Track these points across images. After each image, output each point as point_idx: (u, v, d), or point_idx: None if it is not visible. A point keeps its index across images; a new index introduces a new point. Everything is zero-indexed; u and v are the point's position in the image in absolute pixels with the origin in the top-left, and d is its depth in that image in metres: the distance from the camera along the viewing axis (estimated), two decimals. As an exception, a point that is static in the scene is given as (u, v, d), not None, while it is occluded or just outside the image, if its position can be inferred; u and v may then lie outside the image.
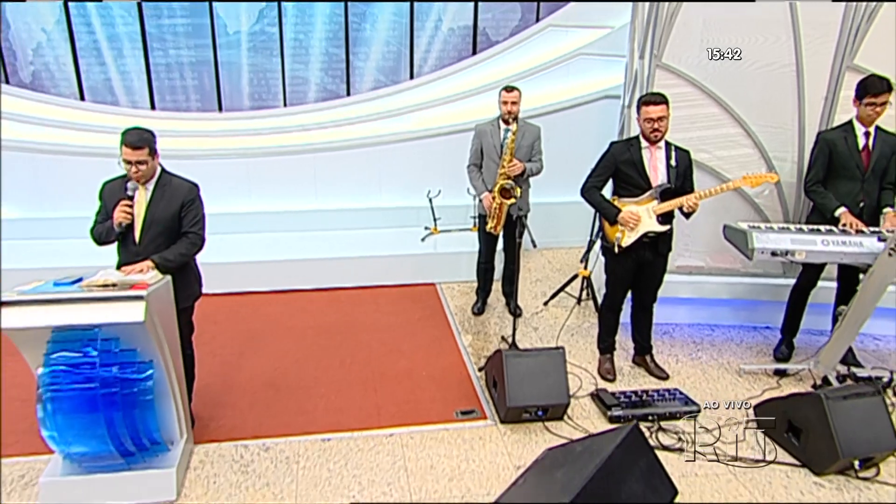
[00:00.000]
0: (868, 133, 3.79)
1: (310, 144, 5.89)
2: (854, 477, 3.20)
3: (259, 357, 4.32)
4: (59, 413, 2.81)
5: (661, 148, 3.65)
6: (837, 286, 4.13)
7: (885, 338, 4.61)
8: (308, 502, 2.99)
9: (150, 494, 2.98)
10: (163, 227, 3.22)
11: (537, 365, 3.56)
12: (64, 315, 2.69)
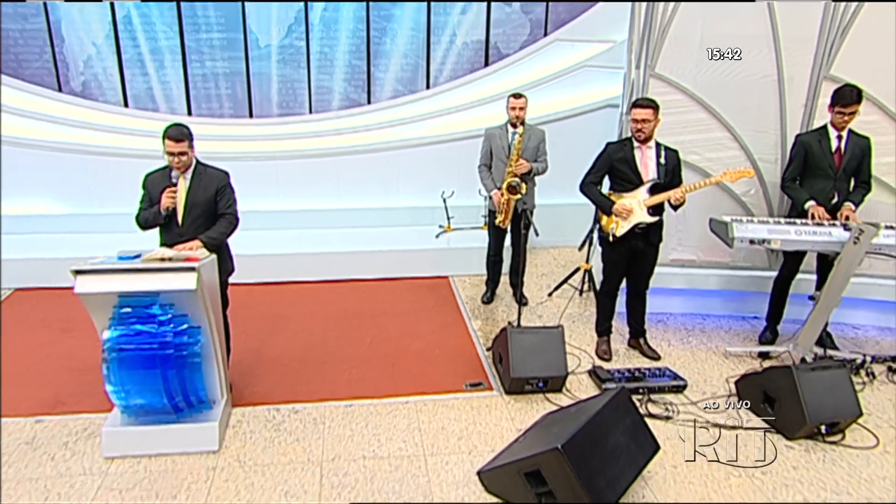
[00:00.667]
0: (840, 136, 4.15)
1: (333, 148, 6.33)
2: (821, 441, 3.54)
3: (288, 336, 4.73)
4: (123, 369, 3.24)
5: (651, 147, 4.04)
6: (817, 277, 4.47)
7: (863, 327, 4.93)
8: (333, 455, 3.39)
9: (195, 445, 3.39)
10: (201, 209, 3.68)
11: (538, 341, 3.94)
12: (129, 283, 3.12)
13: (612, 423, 3.15)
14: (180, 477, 3.21)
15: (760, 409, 3.73)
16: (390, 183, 6.40)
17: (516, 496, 3.01)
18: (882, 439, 3.58)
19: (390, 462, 3.35)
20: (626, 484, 3.02)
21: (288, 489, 3.14)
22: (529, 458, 2.95)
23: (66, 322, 4.90)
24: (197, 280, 3.14)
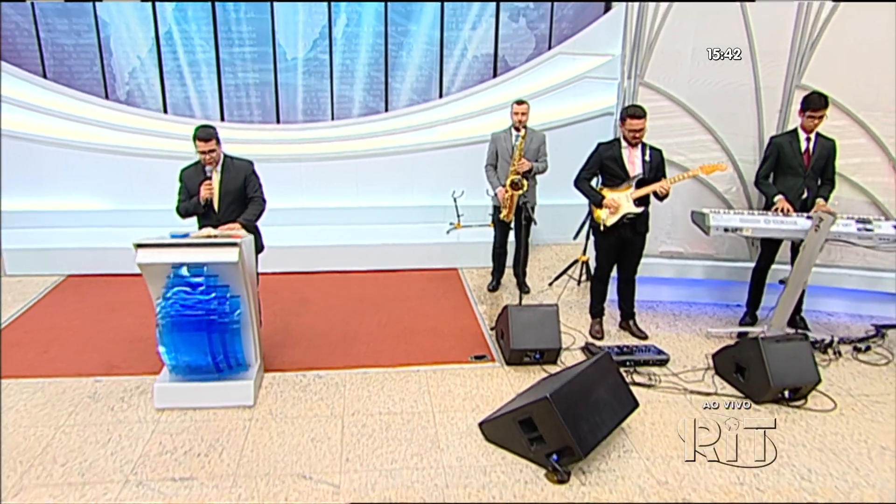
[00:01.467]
0: (809, 138, 4.58)
1: (353, 152, 6.84)
2: (785, 405, 3.95)
3: (312, 316, 5.21)
4: (174, 332, 3.73)
5: (637, 148, 4.50)
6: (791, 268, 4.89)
7: (836, 314, 5.32)
8: (353, 411, 3.85)
9: (234, 399, 3.86)
10: (233, 196, 4.21)
11: (535, 317, 4.39)
12: (181, 255, 3.62)
13: (596, 381, 3.59)
14: (221, 425, 3.69)
15: (733, 378, 4.15)
16: (405, 183, 6.88)
17: (511, 442, 3.45)
18: (839, 404, 3.98)
19: (403, 417, 3.81)
20: (607, 432, 3.46)
21: (314, 436, 3.60)
22: (523, 408, 3.39)
23: (113, 303, 5.42)
24: (239, 254, 3.63)
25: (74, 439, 3.53)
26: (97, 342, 4.69)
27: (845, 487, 3.23)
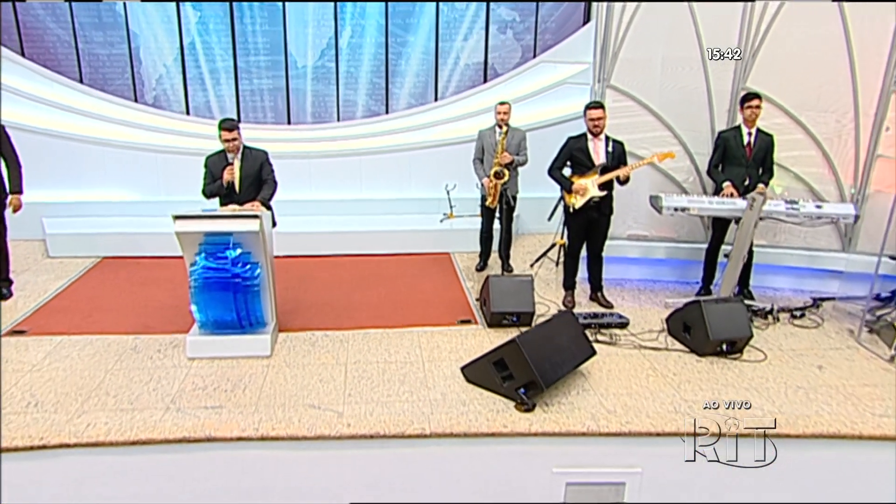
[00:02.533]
0: (751, 133, 5.22)
1: (356, 150, 7.48)
2: (724, 357, 4.56)
3: (318, 290, 5.83)
4: (204, 291, 4.37)
5: (601, 140, 5.14)
6: (739, 246, 5.52)
7: (781, 289, 5.89)
8: (355, 360, 4.48)
9: (254, 350, 4.48)
10: (251, 180, 4.89)
11: (513, 285, 5.01)
12: (212, 225, 4.27)
13: (559, 331, 4.22)
14: (243, 370, 4.32)
15: (682, 336, 4.76)
16: (403, 177, 7.51)
17: (487, 381, 4.06)
18: (770, 356, 4.59)
19: (396, 365, 4.43)
20: (566, 371, 4.08)
21: (321, 378, 4.23)
22: (496, 351, 4.02)
23: (144, 280, 6.06)
24: (259, 225, 4.28)
25: (122, 379, 4.17)
26: (132, 309, 5.33)
27: (760, 414, 3.85)
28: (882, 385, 4.25)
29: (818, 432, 3.72)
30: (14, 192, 5.26)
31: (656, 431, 3.72)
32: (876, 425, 3.77)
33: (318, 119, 7.82)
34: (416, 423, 3.72)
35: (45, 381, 4.14)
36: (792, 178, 5.62)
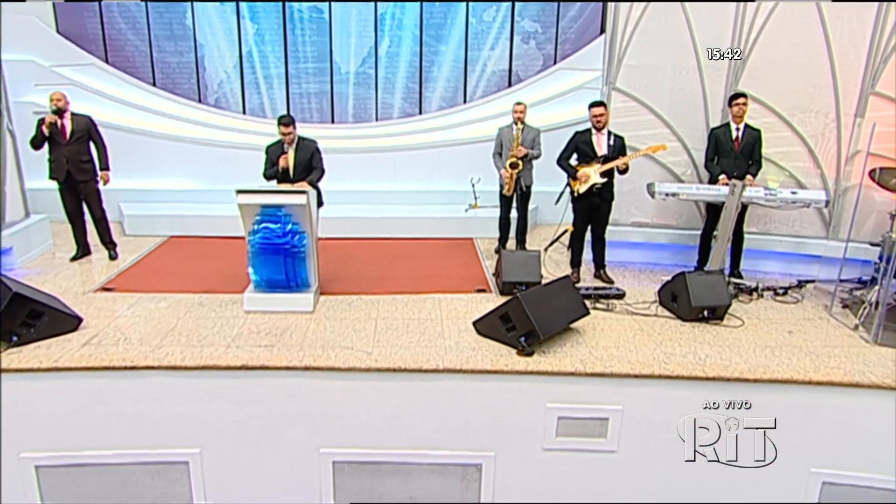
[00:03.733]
0: (739, 128, 5.80)
1: (392, 147, 8.25)
2: (705, 322, 5.14)
3: (356, 265, 6.58)
4: (259, 255, 5.16)
5: (604, 134, 5.79)
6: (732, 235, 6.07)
7: (771, 273, 6.39)
8: (384, 316, 5.20)
9: (299, 306, 5.23)
10: (303, 166, 5.68)
11: (522, 258, 5.69)
12: (267, 198, 5.06)
13: (557, 293, 4.88)
14: (290, 321, 5.07)
15: (670, 305, 5.35)
16: (433, 171, 8.23)
17: (494, 332, 4.73)
18: (747, 323, 5.15)
19: (419, 321, 5.14)
20: (562, 326, 4.74)
21: (355, 329, 4.96)
22: (502, 307, 4.70)
23: (205, 254, 6.90)
24: (306, 199, 5.05)
25: (191, 325, 4.97)
26: (197, 276, 6.16)
27: (726, 364, 4.44)
28: (841, 346, 4.78)
29: (775, 377, 4.30)
30: (103, 168, 6.27)
31: (634, 373, 4.35)
32: (825, 374, 4.32)
33: (358, 119, 8.63)
34: (431, 362, 4.43)
35: (130, 324, 4.98)
36: (781, 172, 6.16)
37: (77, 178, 6.15)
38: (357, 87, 8.60)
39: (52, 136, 6.01)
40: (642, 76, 6.27)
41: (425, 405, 4.44)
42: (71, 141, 6.07)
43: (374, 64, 8.52)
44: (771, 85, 6.06)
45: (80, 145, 6.14)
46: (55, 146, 6.03)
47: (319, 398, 4.42)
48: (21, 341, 4.49)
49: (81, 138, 6.14)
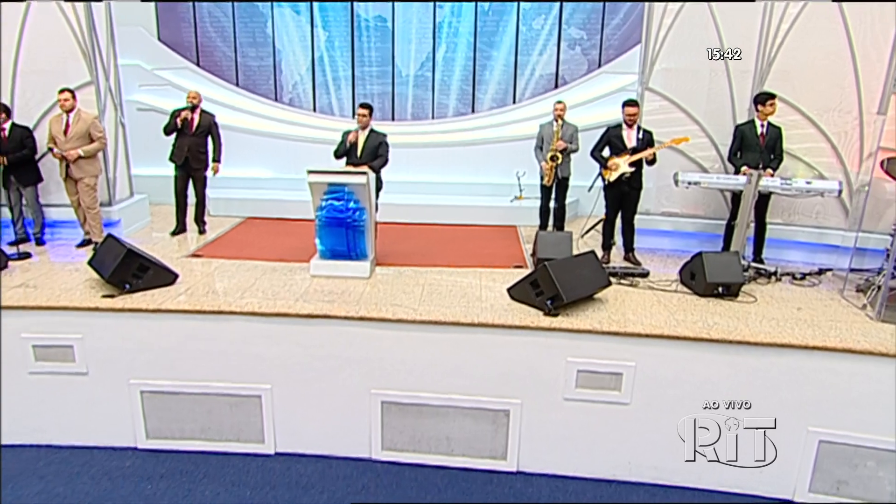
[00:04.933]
0: (763, 125, 6.23)
1: (447, 142, 8.97)
2: (720, 297, 5.60)
3: (409, 244, 7.30)
4: (325, 227, 5.95)
5: (634, 129, 6.33)
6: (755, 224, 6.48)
7: (794, 262, 6.76)
8: (431, 283, 5.90)
9: (357, 272, 5.96)
10: (370, 151, 6.45)
11: (556, 238, 6.28)
12: (333, 178, 5.84)
13: (582, 264, 5.45)
14: (349, 284, 5.82)
15: (689, 282, 5.83)
16: (483, 165, 8.90)
17: (525, 296, 5.34)
18: (760, 300, 5.58)
19: (460, 287, 5.80)
20: (585, 293, 5.31)
21: (404, 291, 5.65)
22: (532, 274, 5.31)
23: (276, 232, 7.77)
24: (367, 179, 5.81)
25: (266, 284, 5.79)
26: (270, 248, 7.01)
27: (730, 329, 4.92)
28: (845, 322, 5.17)
29: (774, 341, 4.75)
30: (215, 160, 7.29)
31: (646, 333, 4.89)
32: (821, 341, 4.75)
33: (416, 117, 9.42)
34: (468, 318, 5.09)
35: (216, 282, 5.85)
36: (804, 166, 6.55)
37: (192, 165, 7.12)
38: (416, 88, 9.39)
39: (181, 126, 6.98)
40: (674, 78, 6.78)
41: (462, 356, 5.10)
42: (195, 133, 7.06)
43: (432, 67, 9.29)
44: (796, 85, 6.47)
45: (201, 138, 7.14)
46: (181, 135, 7.01)
47: (371, 346, 5.15)
48: (131, 289, 5.40)
49: (203, 132, 7.13)
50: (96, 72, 6.98)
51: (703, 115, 6.78)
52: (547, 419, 5.12)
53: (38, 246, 6.80)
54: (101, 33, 7.05)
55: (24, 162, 6.60)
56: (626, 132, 6.34)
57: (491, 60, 9.19)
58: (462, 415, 5.22)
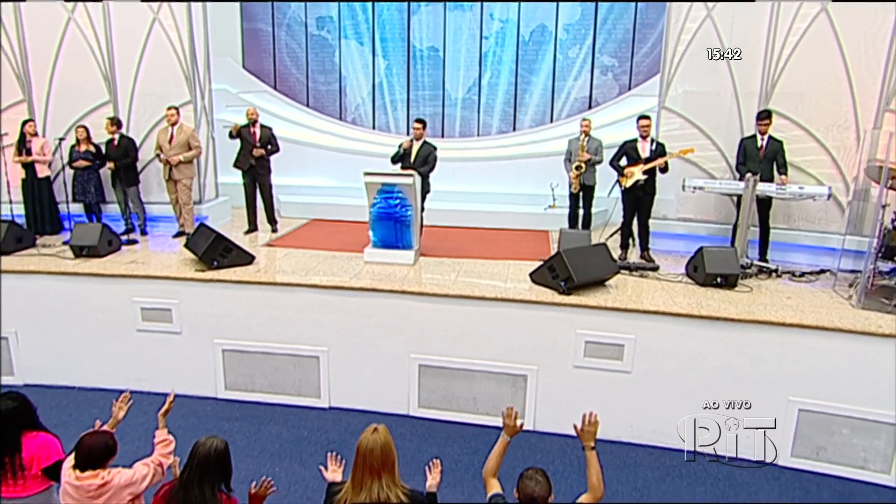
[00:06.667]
0: (763, 139, 6.90)
1: (490, 157, 9.88)
2: (719, 287, 6.26)
3: (451, 241, 8.19)
4: (377, 221, 6.95)
5: (648, 141, 7.11)
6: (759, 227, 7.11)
7: (799, 263, 7.30)
8: (466, 270, 6.78)
9: (404, 260, 6.91)
10: (421, 158, 7.40)
11: (578, 235, 7.06)
12: (385, 179, 6.84)
13: (594, 253, 6.24)
14: (396, 269, 6.76)
15: (693, 274, 6.52)
16: (521, 177, 9.74)
17: (543, 279, 6.16)
18: (755, 291, 6.21)
19: (490, 274, 6.66)
20: (594, 276, 6.08)
21: (442, 274, 6.56)
22: (549, 260, 6.14)
23: (336, 231, 8.81)
24: (413, 180, 6.79)
25: (326, 266, 6.80)
26: (330, 241, 8.04)
27: (719, 309, 5.60)
28: (827, 308, 5.75)
29: (756, 318, 5.41)
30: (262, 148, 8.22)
31: (644, 310, 5.63)
32: (798, 319, 5.38)
33: (463, 135, 10.41)
34: (494, 294, 5.95)
35: (285, 264, 6.92)
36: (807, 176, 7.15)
37: (258, 171, 8.25)
38: (463, 109, 10.41)
39: (244, 137, 8.16)
40: (689, 98, 7.53)
41: (487, 326, 5.95)
42: (258, 144, 8.22)
43: (478, 91, 10.29)
44: (798, 104, 7.11)
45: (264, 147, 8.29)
46: (245, 144, 8.19)
47: (411, 316, 6.06)
48: (218, 266, 6.51)
49: (264, 142, 8.26)
50: (195, 93, 8.29)
51: (714, 130, 7.49)
52: (559, 383, 5.89)
53: (142, 235, 8.06)
54: (200, 62, 8.37)
55: (127, 167, 7.89)
56: (641, 144, 7.12)
57: (531, 85, 10.13)
58: (487, 378, 6.04)
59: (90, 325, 6.52)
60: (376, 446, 2.81)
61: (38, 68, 8.12)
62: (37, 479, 3.44)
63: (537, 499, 2.93)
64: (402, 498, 2.80)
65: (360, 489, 2.79)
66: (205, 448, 2.98)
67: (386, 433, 2.88)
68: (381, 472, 2.79)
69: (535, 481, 2.97)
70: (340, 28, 10.52)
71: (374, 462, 2.79)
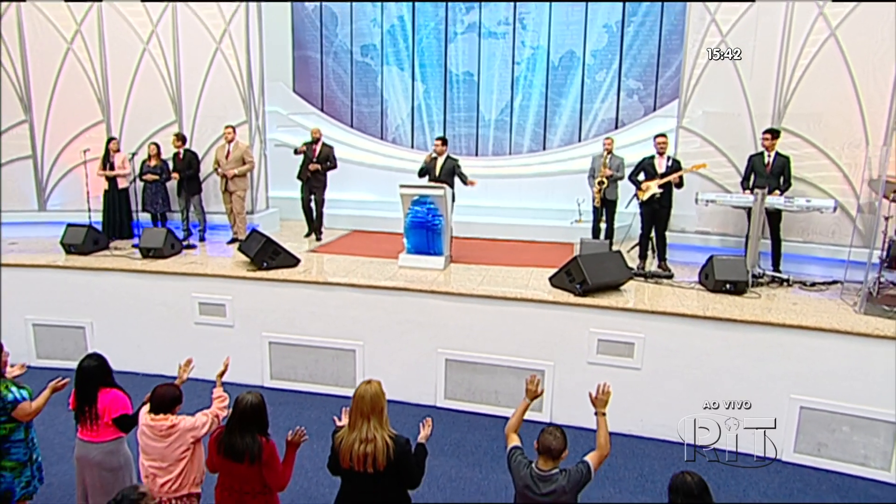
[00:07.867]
0: (770, 155, 7.23)
1: (520, 174, 10.41)
2: (728, 293, 6.59)
3: (481, 250, 8.71)
4: (411, 229, 7.53)
5: (664, 158, 7.52)
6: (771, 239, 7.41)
7: (811, 275, 7.54)
8: (493, 274, 7.28)
9: (435, 265, 7.45)
10: (446, 172, 7.98)
11: (595, 244, 7.50)
12: (418, 191, 7.44)
13: (609, 259, 6.67)
14: (427, 273, 7.29)
15: (703, 280, 6.87)
16: (550, 193, 10.22)
17: (560, 282, 6.60)
18: (764, 297, 6.52)
19: (513, 278, 7.14)
20: (608, 280, 6.50)
21: (468, 278, 7.07)
22: (567, 265, 6.59)
23: (375, 240, 9.40)
24: (444, 192, 7.36)
25: (364, 269, 7.40)
26: (369, 250, 8.66)
27: (725, 311, 5.95)
28: (830, 313, 6.02)
29: (758, 320, 5.75)
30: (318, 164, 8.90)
31: (653, 310, 6.02)
32: (799, 321, 5.69)
33: (496, 154, 10.98)
34: (515, 294, 6.43)
35: (327, 266, 7.56)
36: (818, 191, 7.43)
37: (313, 184, 8.94)
38: (496, 130, 10.99)
39: (306, 153, 8.87)
40: (705, 119, 7.93)
41: (508, 324, 6.42)
42: (317, 159, 8.93)
43: (510, 113, 10.87)
44: (810, 124, 7.44)
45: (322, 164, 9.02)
46: (306, 159, 8.89)
47: (439, 314, 6.59)
48: (267, 267, 7.18)
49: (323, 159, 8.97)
50: (250, 114, 9.10)
51: (729, 148, 7.86)
52: (574, 378, 6.30)
53: (200, 241, 8.84)
54: (255, 86, 9.19)
55: (191, 178, 8.71)
56: (658, 160, 7.54)
57: (560, 107, 10.65)
58: (507, 372, 6.50)
59: (154, 317, 7.26)
60: (367, 394, 3.38)
61: (117, 92, 9.07)
62: (109, 428, 4.08)
63: (553, 450, 3.44)
64: (387, 440, 3.36)
65: (353, 429, 3.38)
66: (243, 402, 3.58)
67: (378, 386, 3.46)
68: (371, 416, 3.36)
69: (553, 436, 3.48)
70: (383, 55, 11.29)
71: (364, 407, 3.35)
